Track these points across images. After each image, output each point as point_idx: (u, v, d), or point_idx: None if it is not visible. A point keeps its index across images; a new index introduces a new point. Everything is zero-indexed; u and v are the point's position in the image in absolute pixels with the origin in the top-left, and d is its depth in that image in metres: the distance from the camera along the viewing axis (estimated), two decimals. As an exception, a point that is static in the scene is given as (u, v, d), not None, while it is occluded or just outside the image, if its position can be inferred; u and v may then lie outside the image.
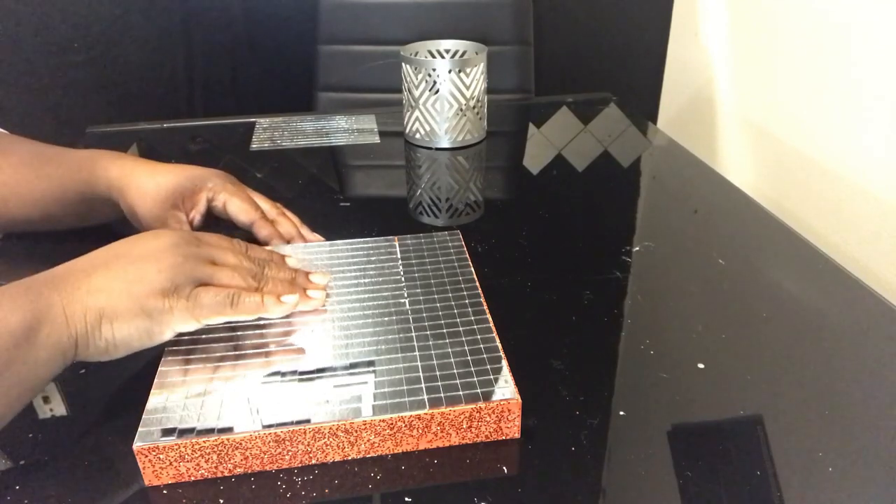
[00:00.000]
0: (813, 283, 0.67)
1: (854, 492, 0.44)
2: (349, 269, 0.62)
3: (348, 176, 0.95)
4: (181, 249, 0.51)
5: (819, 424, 0.49)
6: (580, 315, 0.62)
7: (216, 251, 0.54)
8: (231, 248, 0.55)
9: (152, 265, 0.49)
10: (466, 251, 0.65)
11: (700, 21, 1.40)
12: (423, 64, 0.94)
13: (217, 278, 0.52)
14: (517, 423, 0.48)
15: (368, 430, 0.46)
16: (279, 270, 0.56)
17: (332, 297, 0.58)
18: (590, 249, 0.73)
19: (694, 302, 0.64)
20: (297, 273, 0.58)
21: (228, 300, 0.51)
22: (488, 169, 0.96)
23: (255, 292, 0.53)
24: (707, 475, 0.46)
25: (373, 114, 1.13)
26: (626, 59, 1.57)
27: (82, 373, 0.55)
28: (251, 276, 0.54)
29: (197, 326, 0.51)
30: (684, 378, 0.54)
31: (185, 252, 0.51)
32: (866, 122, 0.95)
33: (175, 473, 0.45)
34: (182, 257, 0.50)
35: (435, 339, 0.53)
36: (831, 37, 1.01)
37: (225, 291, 0.51)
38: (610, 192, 0.89)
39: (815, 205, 1.07)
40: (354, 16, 1.28)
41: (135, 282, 0.48)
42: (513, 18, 1.29)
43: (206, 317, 0.50)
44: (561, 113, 1.14)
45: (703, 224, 0.80)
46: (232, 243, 0.56)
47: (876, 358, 0.56)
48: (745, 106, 1.26)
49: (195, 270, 0.51)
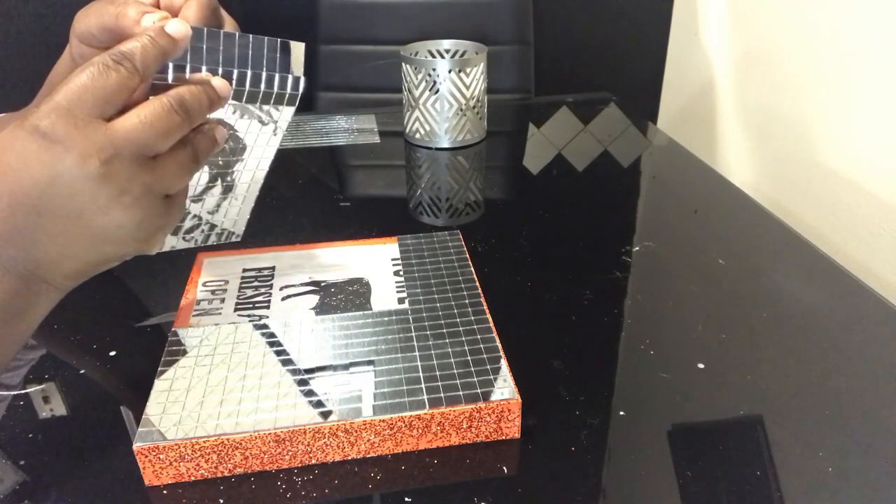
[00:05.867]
0: (813, 283, 0.67)
1: (854, 492, 0.44)
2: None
3: (348, 176, 0.95)
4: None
5: (819, 424, 0.49)
6: (580, 315, 0.62)
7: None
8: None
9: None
10: (466, 251, 0.65)
11: (700, 21, 1.40)
12: (423, 64, 0.94)
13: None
14: (517, 423, 0.48)
15: (368, 430, 0.46)
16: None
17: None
18: (590, 249, 0.73)
19: (694, 302, 0.64)
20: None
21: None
22: (488, 169, 0.96)
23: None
24: (707, 475, 0.46)
25: (373, 114, 1.13)
26: (626, 59, 1.57)
27: (82, 373, 0.55)
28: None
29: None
30: (684, 378, 0.54)
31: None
32: (866, 122, 0.95)
33: (175, 473, 0.45)
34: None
35: (435, 339, 0.53)
36: (831, 37, 1.01)
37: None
38: (610, 192, 0.89)
39: (815, 205, 1.07)
40: (354, 16, 1.28)
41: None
42: (513, 18, 1.29)
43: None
44: (561, 113, 1.14)
45: (703, 224, 0.80)
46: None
47: (876, 358, 0.56)
48: (745, 106, 1.26)
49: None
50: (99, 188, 0.38)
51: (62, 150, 0.38)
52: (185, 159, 0.43)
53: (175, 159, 0.42)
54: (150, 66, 0.41)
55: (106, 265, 0.43)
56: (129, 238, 0.41)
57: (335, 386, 0.49)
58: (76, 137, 0.38)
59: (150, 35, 0.42)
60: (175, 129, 0.41)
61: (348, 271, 0.62)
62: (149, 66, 0.41)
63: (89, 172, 0.38)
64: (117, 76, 0.39)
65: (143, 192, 0.40)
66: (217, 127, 0.46)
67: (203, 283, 0.61)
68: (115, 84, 0.39)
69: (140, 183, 0.40)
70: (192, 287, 0.60)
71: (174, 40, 0.42)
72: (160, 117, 0.40)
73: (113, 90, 0.39)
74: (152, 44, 0.41)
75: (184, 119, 0.41)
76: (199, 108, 0.42)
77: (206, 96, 0.43)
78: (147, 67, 0.41)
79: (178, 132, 0.41)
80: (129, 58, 0.40)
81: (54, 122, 0.38)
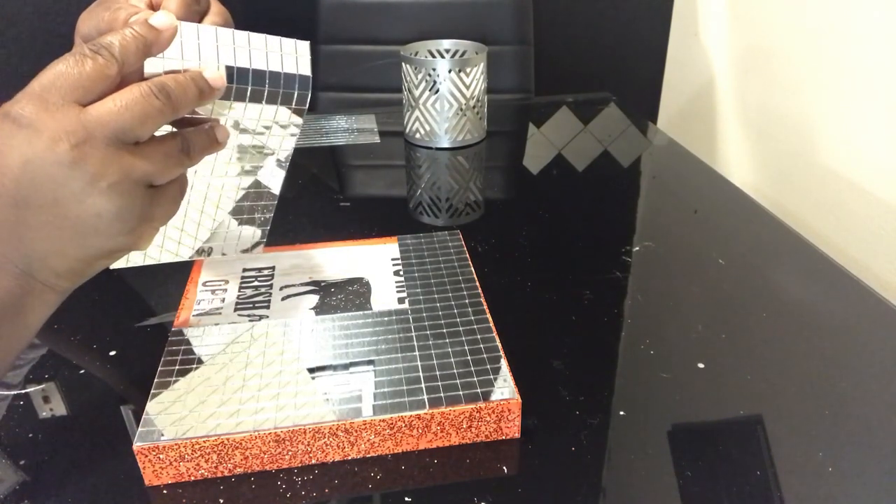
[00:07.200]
0: (813, 283, 0.67)
1: (854, 492, 0.44)
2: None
3: (348, 176, 0.95)
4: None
5: (819, 424, 0.49)
6: (580, 315, 0.62)
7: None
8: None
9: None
10: (466, 251, 0.65)
11: (700, 21, 1.40)
12: (423, 64, 0.94)
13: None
14: (517, 423, 0.48)
15: (368, 429, 0.46)
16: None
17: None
18: (590, 249, 0.73)
19: (694, 302, 0.64)
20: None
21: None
22: (488, 169, 0.96)
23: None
24: (707, 475, 0.46)
25: (373, 114, 1.13)
26: (626, 59, 1.57)
27: (82, 373, 0.55)
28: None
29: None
30: (684, 378, 0.54)
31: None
32: (866, 122, 0.95)
33: (175, 473, 0.45)
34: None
35: (435, 339, 0.53)
36: (831, 37, 1.01)
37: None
38: (610, 192, 0.89)
39: (815, 205, 1.07)
40: (354, 16, 1.28)
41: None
42: (513, 18, 1.29)
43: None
44: (561, 113, 1.14)
45: (703, 224, 0.80)
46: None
47: (876, 358, 0.56)
48: (745, 106, 1.26)
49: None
50: (70, 172, 0.37)
51: (31, 133, 0.37)
52: (172, 150, 0.42)
53: (161, 148, 0.41)
54: (130, 55, 0.40)
55: (96, 262, 0.42)
56: (110, 229, 0.40)
57: (335, 386, 0.49)
58: (45, 120, 0.37)
59: (133, 27, 0.41)
60: (154, 113, 0.40)
61: (348, 271, 0.62)
62: (129, 56, 0.40)
63: (59, 156, 0.37)
64: (94, 63, 0.39)
65: (120, 179, 0.39)
66: (219, 126, 0.45)
67: (203, 283, 0.61)
68: (91, 71, 0.38)
69: (117, 168, 0.39)
70: (192, 287, 0.60)
71: (157, 31, 0.42)
72: (137, 101, 0.39)
73: (89, 77, 0.38)
74: (133, 34, 0.41)
75: (164, 104, 0.40)
76: (185, 95, 0.41)
77: (194, 85, 0.42)
78: (127, 56, 0.40)
79: (158, 117, 0.40)
80: (106, 47, 0.40)
81: (24, 106, 0.37)
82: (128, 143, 0.39)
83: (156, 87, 0.40)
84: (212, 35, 0.44)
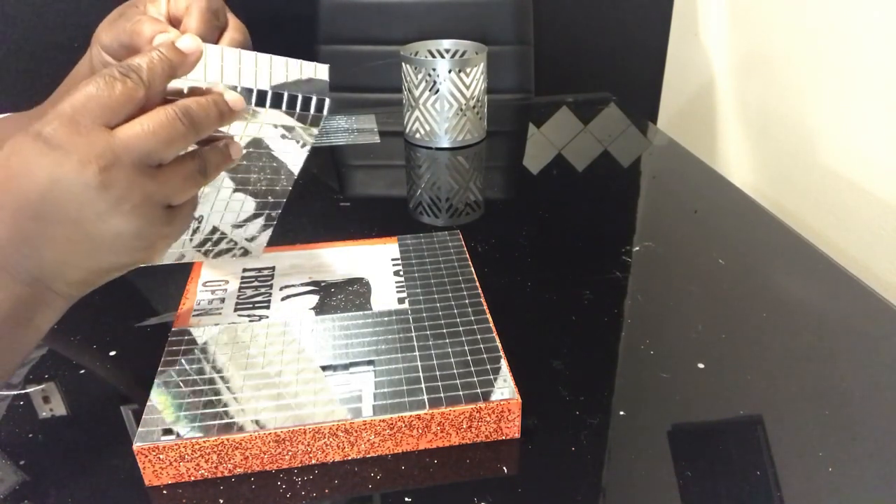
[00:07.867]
0: (813, 283, 0.67)
1: (854, 492, 0.44)
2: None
3: (348, 176, 0.95)
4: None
5: (819, 424, 0.49)
6: (580, 315, 0.62)
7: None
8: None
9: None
10: (466, 251, 0.65)
11: (700, 21, 1.40)
12: (423, 64, 0.94)
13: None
14: (517, 423, 0.48)
15: (368, 430, 0.46)
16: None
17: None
18: (590, 249, 0.73)
19: (694, 302, 0.64)
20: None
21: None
22: (488, 169, 0.96)
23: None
24: (707, 475, 0.46)
25: (373, 114, 1.13)
26: (626, 59, 1.57)
27: (82, 373, 0.55)
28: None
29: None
30: (684, 378, 0.54)
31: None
32: (866, 122, 0.95)
33: (175, 473, 0.45)
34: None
35: (435, 339, 0.53)
36: (831, 37, 1.01)
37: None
38: (610, 192, 0.89)
39: (815, 205, 1.07)
40: (354, 16, 1.28)
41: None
42: (513, 18, 1.29)
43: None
44: (561, 113, 1.14)
45: (703, 224, 0.80)
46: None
47: (876, 358, 0.56)
48: (745, 106, 1.26)
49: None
50: (97, 194, 0.38)
51: (62, 155, 0.38)
52: (191, 171, 0.43)
53: (181, 170, 0.42)
54: (157, 78, 0.41)
55: (108, 274, 0.43)
56: (127, 247, 0.41)
57: (335, 386, 0.49)
58: (77, 143, 0.38)
59: (160, 50, 0.42)
60: (179, 137, 0.41)
61: (348, 271, 0.62)
62: (156, 79, 0.41)
63: (88, 178, 0.38)
64: (123, 87, 0.39)
65: (142, 201, 0.40)
66: (232, 143, 0.46)
67: (203, 283, 0.61)
68: (120, 95, 0.39)
69: (140, 191, 0.39)
70: (193, 287, 0.60)
71: (184, 55, 0.43)
72: (163, 125, 0.40)
73: (118, 100, 0.39)
74: (160, 58, 0.42)
75: (188, 128, 0.41)
76: (207, 119, 0.42)
77: (215, 108, 0.43)
78: (154, 79, 0.41)
79: (182, 141, 0.41)
80: (135, 70, 0.40)
81: (56, 128, 0.38)
82: (152, 165, 0.40)
83: (181, 111, 0.41)
84: (235, 58, 0.44)
